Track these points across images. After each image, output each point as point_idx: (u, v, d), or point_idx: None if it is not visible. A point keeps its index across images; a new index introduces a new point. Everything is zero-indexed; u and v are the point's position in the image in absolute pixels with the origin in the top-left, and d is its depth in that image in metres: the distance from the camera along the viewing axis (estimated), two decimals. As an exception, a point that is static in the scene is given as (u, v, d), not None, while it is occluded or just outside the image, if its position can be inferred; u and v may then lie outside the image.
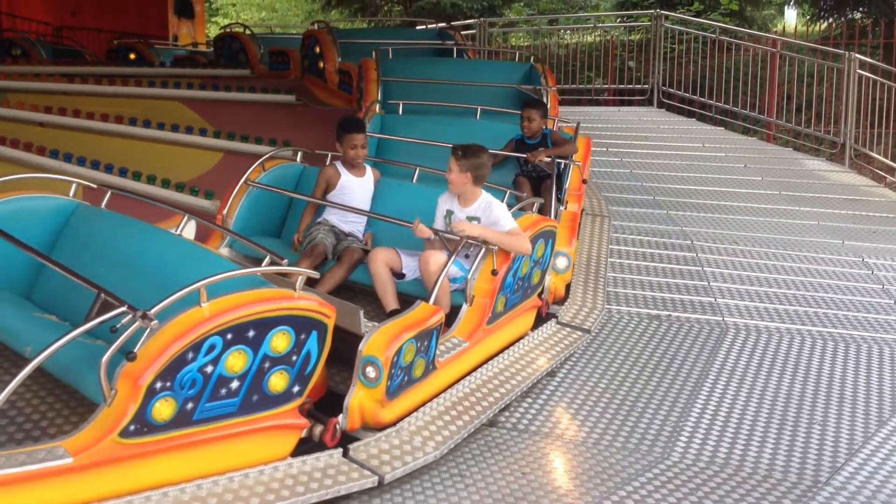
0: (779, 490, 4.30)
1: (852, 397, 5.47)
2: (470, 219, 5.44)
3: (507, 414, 5.08)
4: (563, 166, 7.20)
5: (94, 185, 5.22)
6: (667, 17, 14.44)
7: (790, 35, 15.35)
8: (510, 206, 5.69)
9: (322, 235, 5.80)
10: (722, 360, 5.96)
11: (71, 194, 5.07)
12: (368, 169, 6.29)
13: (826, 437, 4.90)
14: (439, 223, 5.59)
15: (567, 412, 5.18)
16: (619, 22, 18.03)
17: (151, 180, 7.87)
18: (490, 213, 5.40)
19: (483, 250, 5.17)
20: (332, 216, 6.01)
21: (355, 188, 6.12)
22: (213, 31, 23.67)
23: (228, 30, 15.82)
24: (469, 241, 5.17)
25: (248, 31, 15.05)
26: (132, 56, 15.15)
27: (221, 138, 9.25)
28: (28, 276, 4.78)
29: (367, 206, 6.15)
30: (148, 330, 3.39)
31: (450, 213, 5.58)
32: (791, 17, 21.38)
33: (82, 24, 19.95)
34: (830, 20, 16.40)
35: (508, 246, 5.21)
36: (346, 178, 6.12)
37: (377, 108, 8.37)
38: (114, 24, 19.77)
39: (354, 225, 6.03)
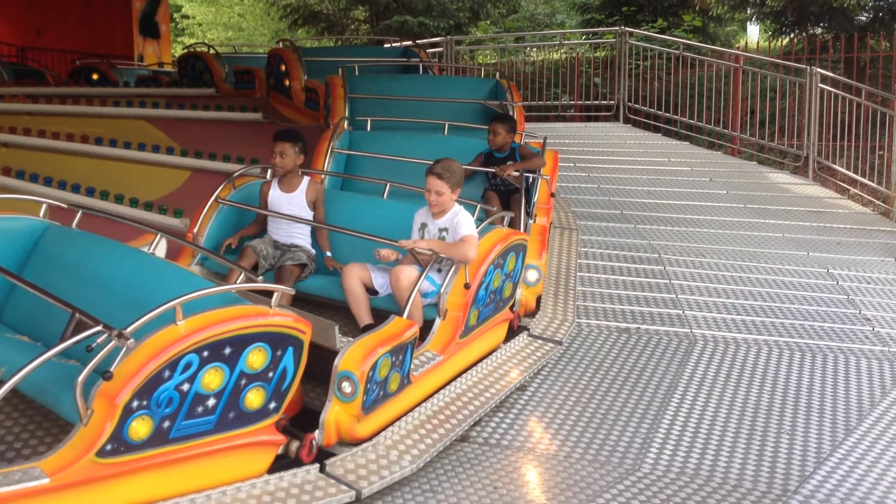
0: (748, 499, 4.36)
1: (819, 406, 5.55)
2: (441, 230, 5.51)
3: (478, 429, 5.10)
4: (531, 180, 7.26)
5: (65, 206, 5.18)
6: (631, 34, 14.57)
7: (752, 50, 15.56)
8: (481, 221, 5.75)
9: (256, 241, 5.90)
10: (691, 372, 6.02)
11: (41, 215, 5.04)
12: (304, 182, 6.25)
13: (794, 446, 4.97)
14: (415, 237, 5.63)
15: (538, 426, 5.22)
16: (585, 39, 18.16)
17: (119, 199, 7.82)
18: (457, 223, 5.47)
19: (455, 264, 5.22)
20: (273, 230, 6.09)
21: (283, 203, 6.13)
22: (179, 51, 23.56)
23: (192, 49, 15.75)
24: (420, 252, 5.28)
25: (212, 51, 15.00)
26: (95, 76, 15.02)
27: (189, 157, 9.21)
28: (-2, 297, 4.75)
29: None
30: (124, 349, 3.39)
31: (424, 225, 5.63)
32: (753, 33, 21.66)
33: (47, 44, 19.79)
34: (792, 35, 16.60)
35: (451, 254, 5.28)
36: (273, 193, 6.18)
37: (345, 124, 8.39)
38: (79, 44, 19.63)
39: (295, 238, 6.05)
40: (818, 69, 11.98)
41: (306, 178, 6.28)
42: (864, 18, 16.16)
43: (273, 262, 5.83)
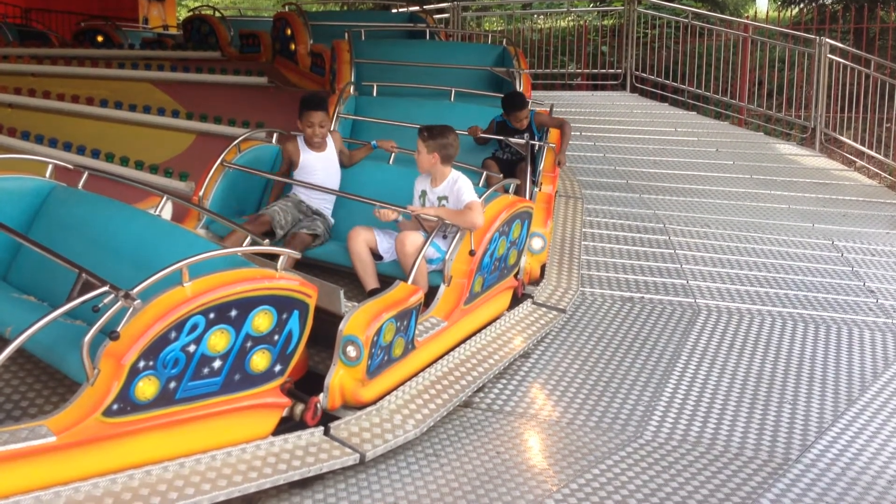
0: (750, 467, 4.37)
1: (822, 377, 5.56)
2: (440, 198, 5.50)
3: (481, 395, 5.12)
4: (536, 149, 7.24)
5: (71, 166, 5.17)
6: (639, 2, 14.46)
7: (762, 20, 15.45)
8: (484, 189, 5.74)
9: (277, 209, 5.82)
10: (694, 341, 6.03)
11: (47, 175, 5.03)
12: (329, 141, 6.22)
13: (796, 416, 4.98)
14: (415, 204, 5.62)
15: (541, 393, 5.24)
16: (593, 7, 18.04)
17: (125, 162, 7.81)
18: (457, 190, 5.45)
19: (460, 231, 5.22)
20: (300, 192, 6.03)
21: (317, 166, 6.08)
22: (184, 14, 23.39)
23: (197, 12, 15.67)
24: (425, 218, 5.26)
25: (217, 14, 14.92)
26: (99, 38, 14.97)
27: (194, 120, 9.19)
28: (4, 257, 4.76)
29: (334, 179, 6.16)
30: (131, 309, 3.40)
31: (424, 193, 5.62)
32: (763, 3, 21.53)
33: (52, 5, 19.67)
34: (801, 5, 16.50)
35: (458, 221, 5.26)
36: (305, 156, 6.08)
37: (351, 89, 8.35)
38: (84, 6, 19.51)
39: (321, 203, 6.04)
40: (827, 40, 11.89)
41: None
42: (874, -11, 16.04)
43: (289, 229, 5.80)
